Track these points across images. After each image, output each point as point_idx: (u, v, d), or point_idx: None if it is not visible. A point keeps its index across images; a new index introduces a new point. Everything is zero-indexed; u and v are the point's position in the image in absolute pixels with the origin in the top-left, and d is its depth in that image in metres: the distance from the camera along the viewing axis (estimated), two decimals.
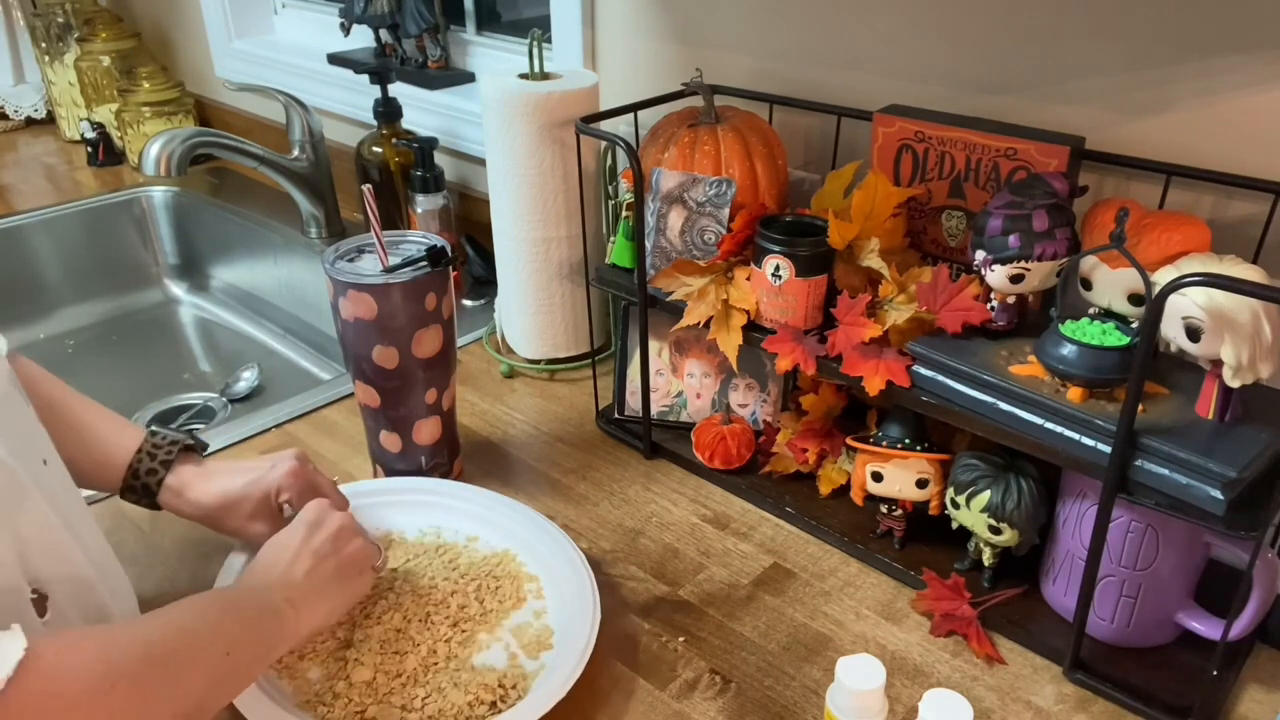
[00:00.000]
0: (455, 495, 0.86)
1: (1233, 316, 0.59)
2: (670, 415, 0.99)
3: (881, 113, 0.83)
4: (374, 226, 0.81)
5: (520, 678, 0.69)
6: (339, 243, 0.84)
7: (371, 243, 0.82)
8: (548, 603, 0.76)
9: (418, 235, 0.86)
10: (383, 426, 0.87)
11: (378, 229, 0.81)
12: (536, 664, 0.70)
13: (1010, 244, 0.69)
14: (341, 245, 0.84)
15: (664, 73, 1.09)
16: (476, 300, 1.28)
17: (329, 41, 1.60)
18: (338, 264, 0.81)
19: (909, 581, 0.80)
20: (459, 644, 0.71)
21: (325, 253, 0.81)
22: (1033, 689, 0.70)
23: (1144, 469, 0.63)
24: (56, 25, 1.86)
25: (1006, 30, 0.82)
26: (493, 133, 1.01)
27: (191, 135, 1.28)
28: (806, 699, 0.69)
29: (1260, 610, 0.65)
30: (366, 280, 0.78)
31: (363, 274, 0.79)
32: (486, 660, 0.71)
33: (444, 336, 0.84)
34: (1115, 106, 0.78)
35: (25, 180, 1.74)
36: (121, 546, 0.84)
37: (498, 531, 0.82)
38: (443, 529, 0.83)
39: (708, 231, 0.86)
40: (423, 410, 0.86)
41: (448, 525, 0.84)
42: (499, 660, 0.71)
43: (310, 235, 1.47)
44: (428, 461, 0.89)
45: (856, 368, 0.76)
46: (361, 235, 0.84)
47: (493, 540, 0.82)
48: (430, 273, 0.80)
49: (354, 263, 0.82)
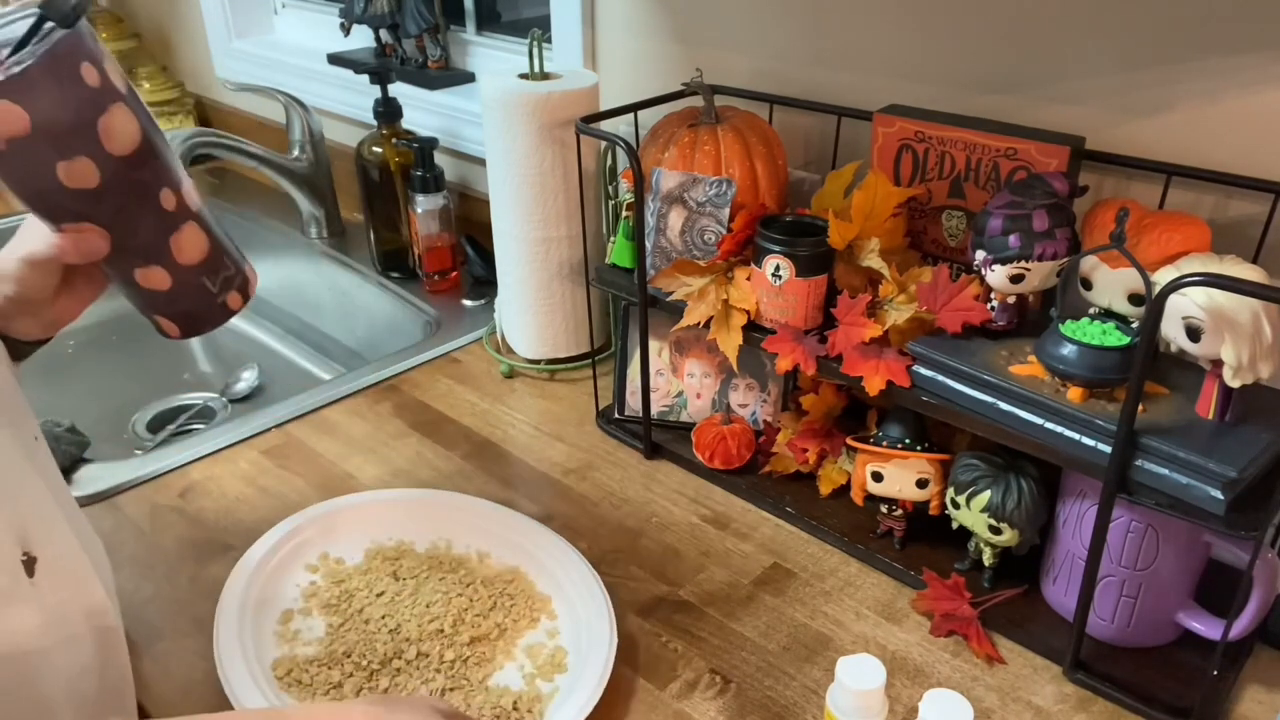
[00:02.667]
0: (466, 509, 0.85)
1: (1233, 316, 0.59)
2: (670, 415, 0.99)
3: (881, 113, 0.83)
4: None
5: (535, 700, 0.68)
6: None
7: None
8: (560, 623, 0.75)
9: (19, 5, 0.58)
10: (132, 265, 0.63)
11: None
12: (551, 687, 0.70)
13: (1010, 244, 0.69)
14: None
15: (664, 73, 1.09)
16: (476, 300, 1.28)
17: (329, 41, 1.60)
18: None
19: (909, 581, 0.80)
20: (475, 663, 0.71)
21: None
22: (1033, 689, 0.70)
23: (1144, 469, 0.63)
24: None
25: (1006, 30, 0.82)
26: (493, 133, 1.01)
27: (191, 135, 1.28)
28: (806, 699, 0.69)
29: (1260, 610, 0.65)
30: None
31: None
32: (501, 681, 0.70)
33: (136, 116, 0.59)
34: (1115, 106, 0.78)
35: None
36: (122, 546, 0.84)
37: (508, 547, 0.82)
38: (454, 542, 0.83)
39: (708, 231, 0.86)
40: (168, 221, 0.62)
41: (459, 539, 0.83)
42: (514, 681, 0.70)
43: (310, 235, 1.47)
44: (215, 283, 0.66)
45: (856, 368, 0.76)
46: None
47: (504, 556, 0.81)
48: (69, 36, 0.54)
49: None
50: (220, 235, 0.66)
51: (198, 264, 0.64)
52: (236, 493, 0.91)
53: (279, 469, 0.94)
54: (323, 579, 0.79)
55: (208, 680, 0.67)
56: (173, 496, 0.91)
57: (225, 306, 0.67)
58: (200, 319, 0.66)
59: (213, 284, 0.66)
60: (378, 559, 0.80)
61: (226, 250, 0.67)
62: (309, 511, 0.83)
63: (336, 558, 0.81)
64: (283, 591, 0.77)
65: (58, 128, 0.55)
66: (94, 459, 0.96)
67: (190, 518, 0.88)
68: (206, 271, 0.65)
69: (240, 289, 0.67)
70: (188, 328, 0.66)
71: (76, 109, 0.56)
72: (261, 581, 0.76)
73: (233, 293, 0.67)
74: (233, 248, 0.68)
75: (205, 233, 0.64)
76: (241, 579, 0.75)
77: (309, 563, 0.80)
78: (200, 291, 0.65)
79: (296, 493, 0.91)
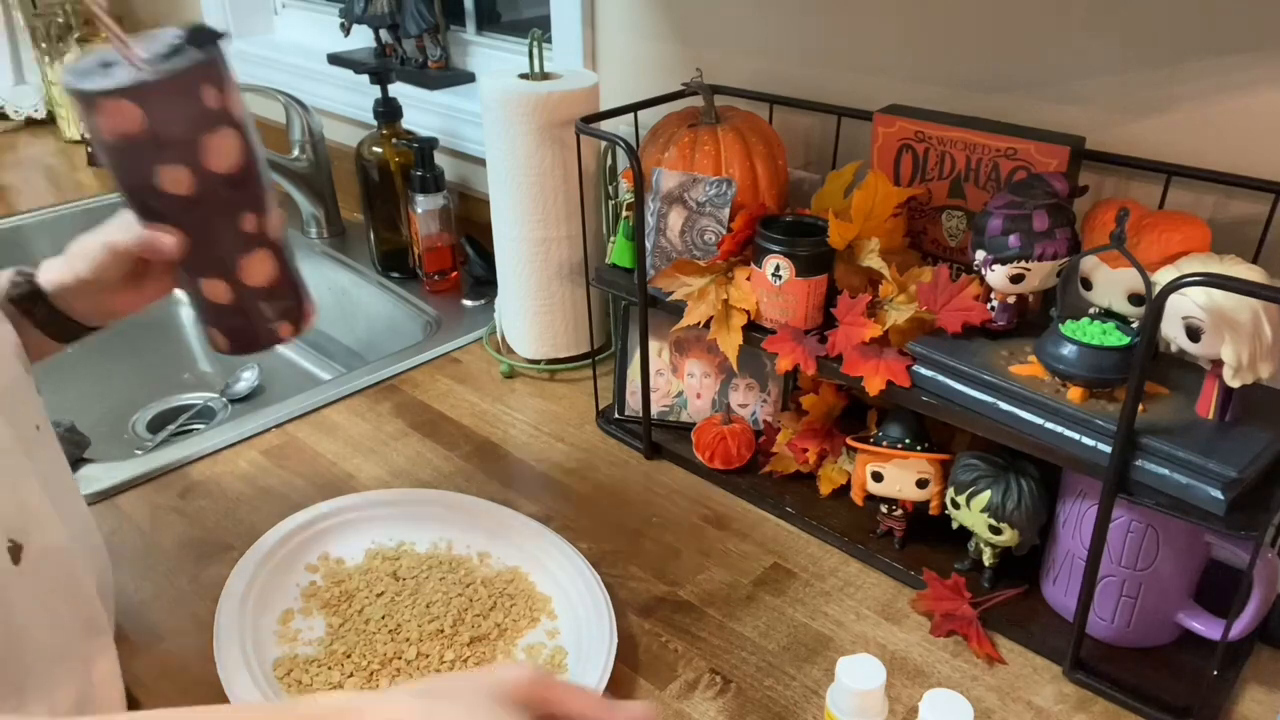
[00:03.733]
0: (466, 509, 0.85)
1: (1233, 316, 0.59)
2: (670, 415, 0.99)
3: (881, 113, 0.83)
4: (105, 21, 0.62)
5: None
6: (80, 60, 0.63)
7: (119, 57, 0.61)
8: (560, 623, 0.75)
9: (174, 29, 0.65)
10: (200, 274, 0.67)
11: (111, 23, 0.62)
12: None
13: (1010, 244, 0.69)
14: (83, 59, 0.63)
15: (664, 73, 1.09)
16: (476, 300, 1.28)
17: (329, 41, 1.60)
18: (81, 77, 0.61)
19: (909, 581, 0.80)
20: (475, 663, 0.71)
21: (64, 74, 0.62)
22: (1033, 689, 0.70)
23: (1144, 469, 0.63)
24: (56, 25, 1.86)
25: (1006, 30, 0.82)
26: (493, 133, 1.01)
27: None
28: (806, 699, 0.69)
29: (1260, 610, 0.65)
30: (119, 83, 0.59)
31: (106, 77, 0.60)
32: None
33: (242, 143, 0.64)
34: (1115, 106, 0.78)
35: (25, 181, 1.74)
36: (122, 547, 0.84)
37: (508, 547, 0.82)
38: (454, 543, 0.83)
39: (708, 231, 0.86)
40: (243, 242, 0.66)
41: (459, 539, 0.83)
42: None
43: (310, 235, 1.47)
44: (272, 309, 0.69)
45: (857, 368, 0.76)
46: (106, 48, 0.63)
47: (504, 556, 0.81)
48: (200, 59, 0.61)
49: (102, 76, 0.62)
50: (291, 268, 0.70)
51: (261, 288, 0.68)
52: (236, 493, 0.91)
53: (279, 469, 0.94)
54: (323, 579, 0.79)
55: (208, 680, 0.67)
56: (173, 496, 0.91)
57: (274, 333, 0.70)
58: (249, 340, 0.70)
59: (270, 310, 0.69)
60: (378, 559, 0.80)
61: (293, 283, 0.70)
62: (309, 511, 0.83)
63: (336, 558, 0.81)
64: (283, 591, 0.77)
65: (167, 136, 0.61)
66: (94, 459, 0.96)
67: (190, 518, 0.88)
68: (267, 297, 0.68)
69: (294, 320, 0.70)
70: (237, 345, 0.70)
71: (188, 124, 0.61)
72: (261, 581, 0.76)
73: (285, 322, 0.70)
74: (300, 282, 0.71)
75: (277, 261, 0.68)
76: (241, 579, 0.75)
77: (309, 563, 0.80)
78: (255, 314, 0.69)
79: (296, 493, 0.91)
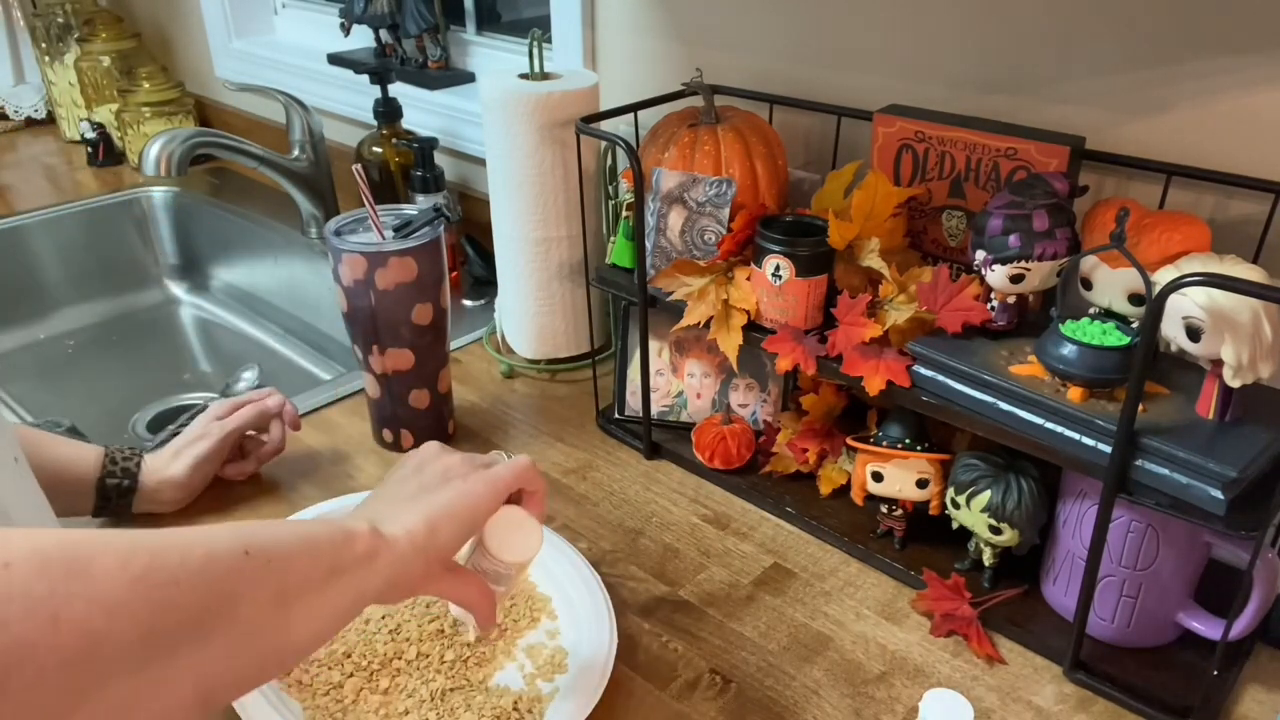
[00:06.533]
0: None
1: (1233, 316, 0.59)
2: (670, 415, 0.98)
3: (881, 113, 0.83)
4: (368, 202, 0.88)
5: (535, 701, 0.68)
6: (332, 223, 0.89)
7: (359, 219, 0.90)
8: (560, 623, 0.75)
9: (393, 208, 0.93)
10: (414, 386, 0.92)
11: (373, 205, 0.88)
12: (551, 687, 0.69)
13: (1010, 244, 0.69)
14: (333, 224, 0.89)
15: (664, 73, 1.09)
16: (476, 300, 1.28)
17: (329, 41, 1.60)
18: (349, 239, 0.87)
19: (909, 581, 0.80)
20: (475, 663, 0.71)
21: (330, 237, 0.87)
22: (1033, 689, 0.70)
23: (1144, 469, 0.63)
24: (56, 25, 1.86)
25: (1006, 30, 0.82)
26: (493, 133, 1.01)
27: (191, 135, 1.28)
28: (807, 699, 0.69)
29: (1260, 610, 0.65)
30: (410, 244, 0.85)
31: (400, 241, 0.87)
32: (502, 681, 0.70)
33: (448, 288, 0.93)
34: (1115, 106, 0.78)
35: (25, 180, 1.74)
36: None
37: None
38: None
39: (708, 231, 0.86)
40: (446, 357, 0.94)
41: None
42: (514, 682, 0.70)
43: (310, 235, 1.47)
44: (447, 408, 0.97)
45: (856, 368, 0.76)
46: (344, 215, 0.91)
47: None
48: (440, 230, 0.89)
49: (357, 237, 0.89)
50: None
51: (446, 393, 0.96)
52: (237, 493, 0.91)
53: (279, 469, 0.94)
54: None
55: None
56: None
57: (447, 430, 0.98)
58: (433, 435, 0.89)
59: (447, 411, 0.97)
60: None
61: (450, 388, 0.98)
62: (309, 511, 0.83)
63: None
64: None
65: (427, 279, 0.87)
66: None
67: (190, 518, 0.88)
68: (445, 400, 0.96)
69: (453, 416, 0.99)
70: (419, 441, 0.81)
71: (435, 270, 0.88)
72: None
73: (452, 420, 0.99)
74: None
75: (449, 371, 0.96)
76: None
77: None
78: (438, 416, 0.96)
79: (297, 493, 0.91)
